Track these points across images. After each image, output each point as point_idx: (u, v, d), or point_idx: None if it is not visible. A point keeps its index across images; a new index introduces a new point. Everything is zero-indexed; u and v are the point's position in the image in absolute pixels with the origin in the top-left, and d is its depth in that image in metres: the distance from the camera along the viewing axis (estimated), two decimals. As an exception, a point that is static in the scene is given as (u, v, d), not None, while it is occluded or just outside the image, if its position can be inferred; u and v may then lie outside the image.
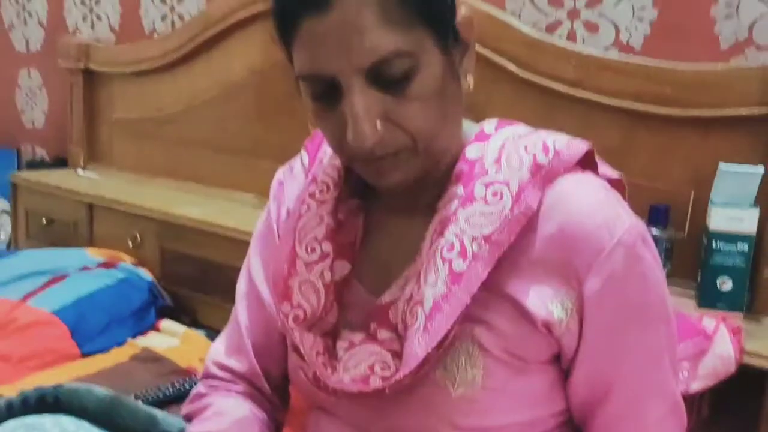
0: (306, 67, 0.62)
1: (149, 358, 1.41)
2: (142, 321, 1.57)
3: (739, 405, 1.00)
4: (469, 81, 0.69)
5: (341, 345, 0.70)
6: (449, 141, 0.69)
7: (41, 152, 2.48)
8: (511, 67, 1.32)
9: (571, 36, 1.32)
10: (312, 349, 0.69)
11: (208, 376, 0.85)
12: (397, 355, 0.66)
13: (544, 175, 0.67)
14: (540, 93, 1.30)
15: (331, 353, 0.70)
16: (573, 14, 1.31)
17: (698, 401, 0.99)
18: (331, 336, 0.72)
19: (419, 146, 0.64)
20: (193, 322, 1.64)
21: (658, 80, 1.18)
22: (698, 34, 1.19)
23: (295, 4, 0.61)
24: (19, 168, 2.48)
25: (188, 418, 0.82)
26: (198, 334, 1.53)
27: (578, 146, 0.70)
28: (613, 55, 1.26)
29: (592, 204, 0.66)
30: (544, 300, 0.65)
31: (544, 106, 1.30)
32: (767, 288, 1.10)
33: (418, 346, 0.63)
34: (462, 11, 0.67)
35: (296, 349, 0.71)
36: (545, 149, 0.68)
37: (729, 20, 1.16)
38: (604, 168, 0.75)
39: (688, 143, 1.17)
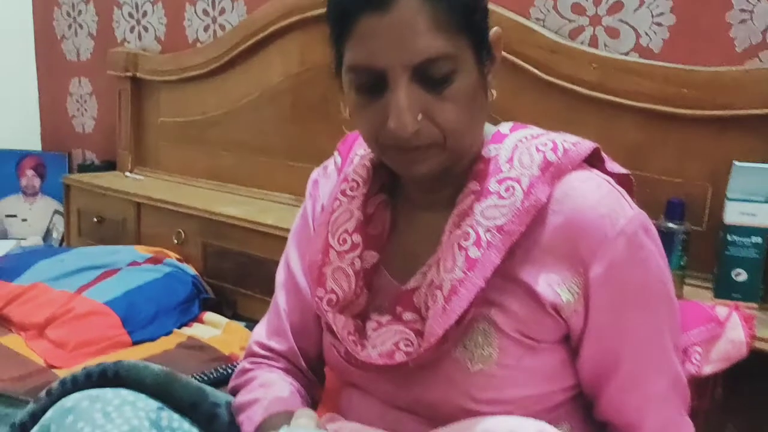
0: (359, 59, 0.69)
1: (194, 345, 1.50)
2: (187, 312, 1.66)
3: (751, 388, 1.05)
4: (493, 93, 0.76)
5: (370, 325, 0.78)
6: (473, 141, 0.76)
7: (91, 156, 2.60)
8: (536, 71, 1.38)
9: (593, 41, 1.37)
10: (344, 329, 0.77)
11: (251, 354, 0.93)
12: (420, 334, 0.73)
13: (553, 172, 0.73)
14: (563, 95, 1.36)
15: (361, 333, 0.78)
16: (595, 20, 1.37)
17: (712, 385, 1.03)
18: (361, 318, 0.80)
19: (448, 143, 0.71)
20: (234, 315, 1.73)
21: (676, 82, 1.23)
22: (714, 38, 1.23)
23: (357, 2, 0.68)
24: (70, 171, 2.60)
25: (234, 390, 0.90)
26: (239, 326, 1.61)
27: (585, 145, 0.77)
28: (634, 58, 1.31)
29: (596, 197, 0.72)
30: (552, 285, 0.72)
31: (567, 107, 1.36)
32: (781, 281, 1.14)
33: (437, 324, 0.70)
34: (493, 30, 0.74)
35: (330, 329, 0.79)
36: (555, 148, 0.75)
37: (744, 24, 1.20)
38: (612, 164, 0.81)
39: (705, 142, 1.22)
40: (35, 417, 0.88)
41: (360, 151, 0.87)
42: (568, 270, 0.72)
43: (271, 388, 0.85)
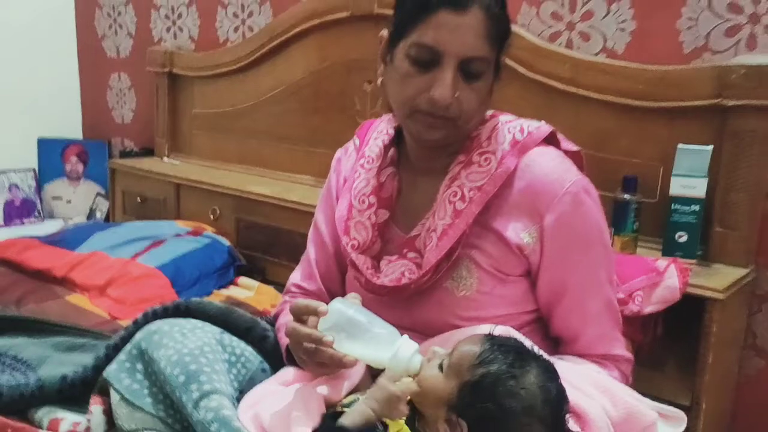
0: (428, 39, 0.91)
1: (233, 303, 1.75)
2: (224, 277, 1.92)
3: (686, 327, 1.30)
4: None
5: (383, 263, 1.04)
6: (473, 126, 1.01)
7: (129, 144, 2.83)
8: (520, 68, 1.62)
9: (569, 43, 1.61)
10: (364, 265, 1.04)
11: (288, 293, 1.20)
12: (420, 266, 1.00)
13: (519, 148, 1.00)
14: (542, 90, 1.60)
15: (376, 268, 1.04)
16: (570, 26, 1.61)
17: (654, 324, 1.28)
18: (376, 259, 1.06)
19: (460, 121, 0.96)
20: (264, 280, 1.97)
21: (634, 79, 1.46)
22: (667, 42, 1.47)
23: (443, 1, 0.90)
24: (110, 157, 2.83)
25: (275, 316, 1.18)
26: (269, 288, 1.86)
27: (544, 128, 1.03)
28: (601, 59, 1.56)
29: (550, 166, 0.98)
30: (517, 231, 0.98)
31: (545, 100, 1.59)
32: (716, 242, 1.38)
33: (432, 256, 0.97)
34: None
35: (353, 266, 1.05)
36: (521, 130, 1.01)
37: (690, 30, 1.44)
38: (566, 143, 1.07)
39: (657, 128, 1.45)
40: (124, 340, 1.15)
41: (374, 135, 1.13)
42: (529, 220, 0.98)
43: None
